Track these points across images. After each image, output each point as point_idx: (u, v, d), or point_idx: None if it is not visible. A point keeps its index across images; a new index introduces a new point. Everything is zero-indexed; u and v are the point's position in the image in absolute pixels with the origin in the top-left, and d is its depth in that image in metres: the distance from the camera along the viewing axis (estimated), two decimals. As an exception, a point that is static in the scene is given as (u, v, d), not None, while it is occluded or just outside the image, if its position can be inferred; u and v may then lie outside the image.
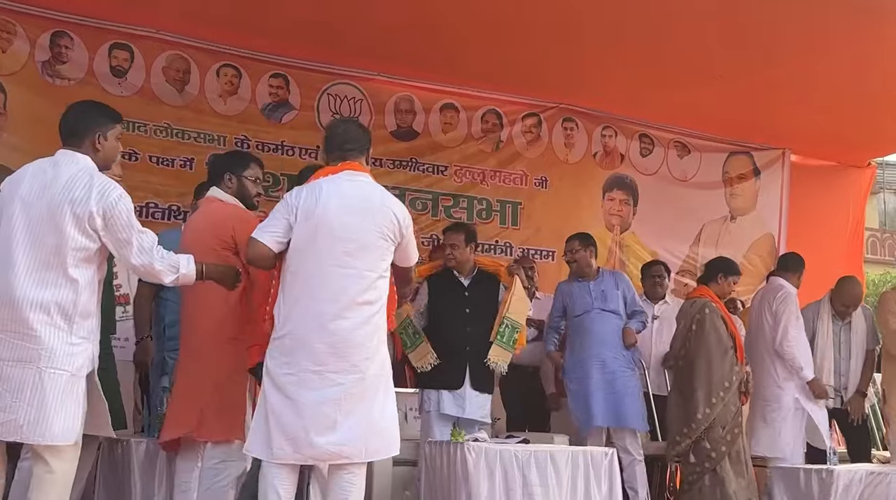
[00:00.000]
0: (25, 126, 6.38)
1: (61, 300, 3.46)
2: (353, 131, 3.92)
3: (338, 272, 3.59)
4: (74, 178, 3.57)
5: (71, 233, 3.50)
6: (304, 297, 3.58)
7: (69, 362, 3.46)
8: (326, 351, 3.54)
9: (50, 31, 6.56)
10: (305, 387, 3.52)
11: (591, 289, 6.30)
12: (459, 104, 8.06)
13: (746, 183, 9.23)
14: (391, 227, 3.70)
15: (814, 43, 6.75)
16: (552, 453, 5.06)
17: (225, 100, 7.20)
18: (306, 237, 3.63)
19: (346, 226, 3.63)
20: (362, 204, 3.69)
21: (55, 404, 3.40)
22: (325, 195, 3.66)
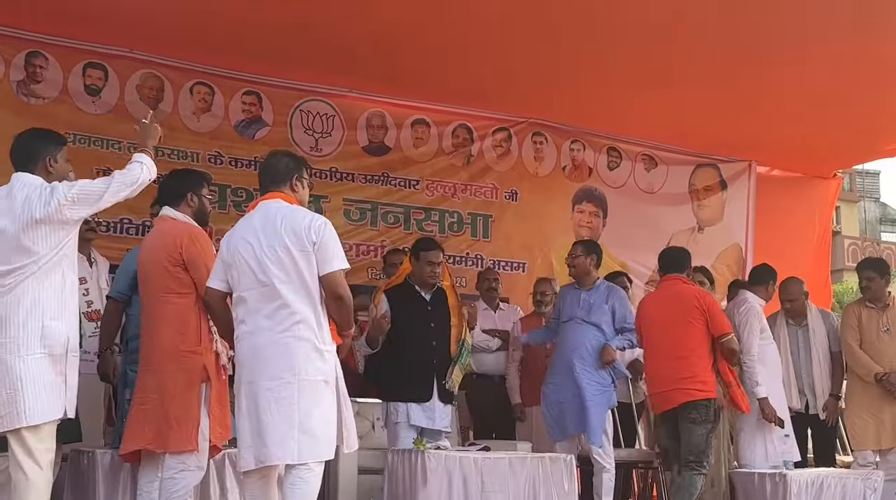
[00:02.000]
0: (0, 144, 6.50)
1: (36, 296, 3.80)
2: (271, 165, 4.14)
3: (254, 294, 3.86)
4: (30, 194, 3.88)
5: (41, 233, 3.83)
6: (244, 320, 3.89)
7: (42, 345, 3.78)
8: (253, 363, 3.82)
9: (25, 51, 6.71)
10: (248, 397, 3.81)
11: (580, 298, 6.33)
12: (430, 119, 8.23)
13: (713, 194, 9.42)
14: (295, 240, 3.88)
15: (779, 56, 6.92)
16: (510, 459, 5.20)
17: (198, 117, 7.35)
18: (231, 269, 3.94)
19: (253, 252, 3.88)
20: (266, 228, 3.91)
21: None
22: (237, 229, 3.99)
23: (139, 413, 4.20)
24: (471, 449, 5.39)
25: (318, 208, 7.65)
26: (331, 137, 7.83)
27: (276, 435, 3.73)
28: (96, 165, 6.78)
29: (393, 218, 8.04)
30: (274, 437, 3.73)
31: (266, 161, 4.22)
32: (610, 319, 6.26)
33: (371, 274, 7.80)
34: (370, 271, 7.81)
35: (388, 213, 8.03)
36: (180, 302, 4.26)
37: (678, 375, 5.82)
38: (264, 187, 4.12)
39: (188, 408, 4.13)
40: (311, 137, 7.76)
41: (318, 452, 3.80)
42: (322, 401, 3.80)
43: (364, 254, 7.88)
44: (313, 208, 7.44)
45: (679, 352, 5.86)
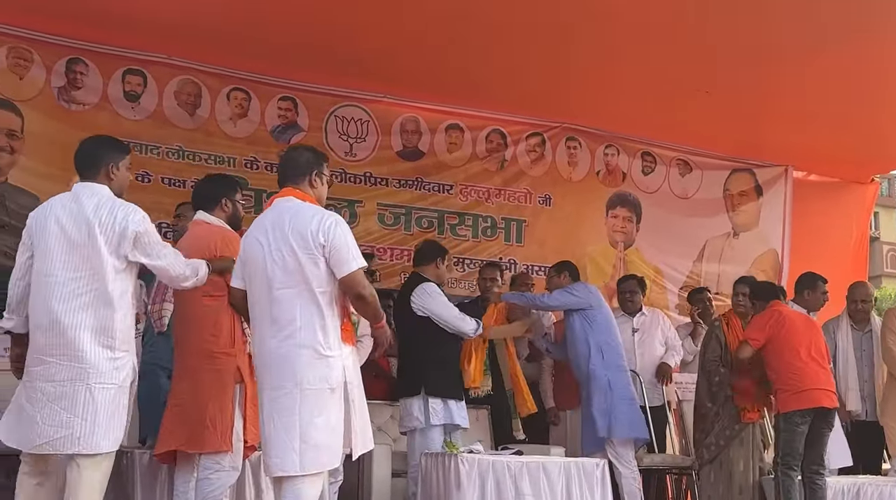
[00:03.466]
0: (41, 150, 6.64)
1: (102, 320, 3.77)
2: (292, 158, 4.05)
3: (262, 297, 3.79)
4: (98, 206, 3.89)
5: (104, 256, 3.81)
6: (254, 324, 3.86)
7: (115, 376, 3.79)
8: (269, 370, 3.75)
9: (65, 58, 6.83)
10: (266, 405, 3.76)
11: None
12: (464, 124, 8.27)
13: (749, 199, 9.35)
14: (301, 243, 3.77)
15: (814, 61, 6.89)
16: (544, 464, 5.20)
17: (235, 122, 7.43)
18: (246, 271, 3.89)
19: (262, 253, 3.81)
20: (275, 229, 3.81)
21: (105, 417, 3.74)
22: (252, 229, 3.92)
23: (174, 414, 4.24)
24: (504, 453, 5.39)
25: (352, 213, 7.73)
26: (365, 142, 7.88)
27: (278, 446, 3.65)
28: (135, 170, 6.86)
29: (427, 222, 8.08)
30: (276, 448, 3.66)
31: (287, 154, 4.09)
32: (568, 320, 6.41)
33: (403, 278, 7.83)
34: (403, 276, 7.84)
35: (422, 217, 8.07)
36: (213, 304, 4.30)
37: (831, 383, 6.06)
38: (282, 182, 3.99)
39: (223, 409, 4.16)
40: (346, 142, 7.82)
41: (321, 462, 3.68)
42: (326, 409, 3.66)
43: (397, 258, 7.91)
44: (348, 213, 7.61)
45: (825, 363, 6.08)
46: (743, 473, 6.16)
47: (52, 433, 3.69)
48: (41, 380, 3.74)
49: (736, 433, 6.19)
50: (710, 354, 6.36)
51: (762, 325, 5.99)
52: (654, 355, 7.14)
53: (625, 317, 7.17)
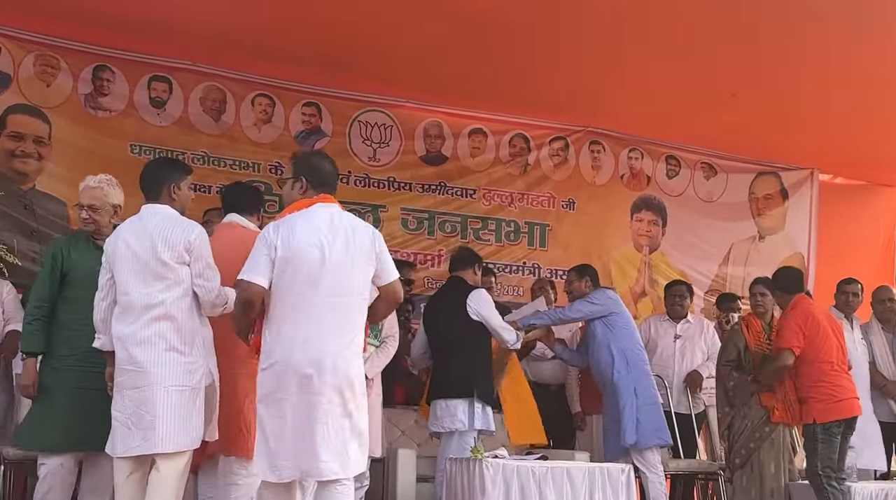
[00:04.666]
0: (68, 156, 6.72)
1: (174, 328, 3.94)
2: (335, 167, 4.08)
3: (325, 302, 3.73)
4: (161, 223, 4.03)
5: (171, 268, 3.96)
6: (284, 325, 3.73)
7: (189, 378, 3.93)
8: (312, 373, 3.68)
9: (92, 65, 6.91)
10: (295, 409, 3.67)
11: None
12: (487, 129, 8.27)
13: (774, 203, 9.30)
14: (362, 251, 3.82)
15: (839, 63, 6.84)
16: (569, 469, 5.19)
17: (259, 128, 7.47)
18: (285, 271, 3.73)
19: (322, 257, 3.75)
20: (334, 232, 3.80)
21: (181, 418, 3.91)
22: (299, 229, 3.77)
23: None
24: (528, 458, 5.38)
25: (376, 218, 7.76)
26: (388, 146, 7.91)
27: (329, 450, 3.74)
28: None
29: (450, 227, 8.09)
30: (328, 452, 3.74)
31: (324, 160, 4.07)
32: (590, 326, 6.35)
33: (427, 283, 7.85)
34: (426, 281, 7.86)
35: (446, 222, 8.07)
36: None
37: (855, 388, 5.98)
38: (327, 190, 3.93)
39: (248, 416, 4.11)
40: (370, 147, 7.85)
41: (364, 461, 3.86)
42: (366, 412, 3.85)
43: (421, 263, 7.92)
44: (371, 218, 7.65)
45: (847, 367, 5.99)
46: (774, 475, 6.08)
47: (140, 437, 3.89)
48: (127, 388, 3.92)
49: (766, 435, 6.12)
50: (725, 358, 6.32)
51: (797, 328, 5.79)
52: (693, 363, 7.07)
53: (669, 322, 7.12)
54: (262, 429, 3.72)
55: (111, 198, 4.45)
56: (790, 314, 5.90)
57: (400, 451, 5.77)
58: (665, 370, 6.91)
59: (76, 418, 4.23)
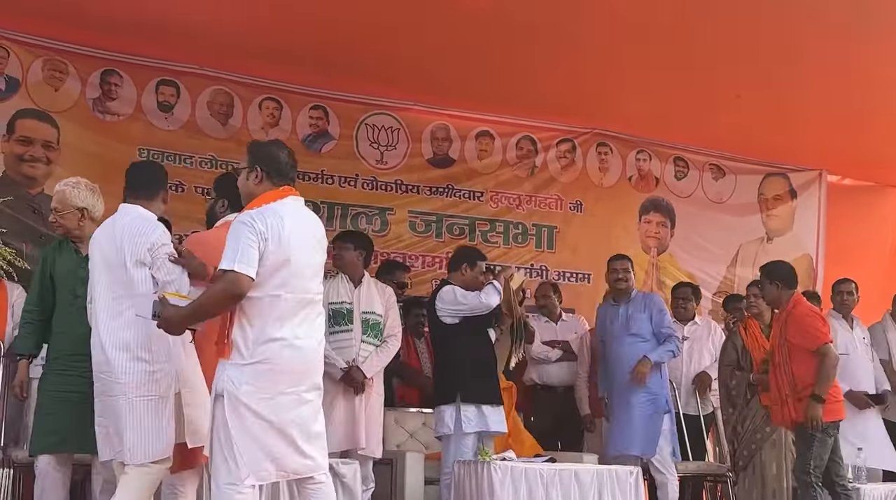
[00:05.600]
0: (77, 160, 6.73)
1: (138, 336, 3.85)
2: (293, 159, 3.89)
3: (306, 298, 3.67)
4: (131, 223, 3.95)
5: (132, 273, 3.88)
6: (274, 323, 3.59)
7: (156, 387, 3.85)
8: (300, 372, 3.63)
9: (100, 70, 6.93)
10: (283, 408, 3.57)
11: (619, 313, 6.32)
12: (494, 131, 8.27)
13: (783, 204, 9.28)
14: (325, 248, 3.84)
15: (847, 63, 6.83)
16: (577, 471, 5.18)
17: (267, 132, 7.48)
18: (274, 265, 3.60)
19: (308, 254, 3.71)
20: (313, 230, 3.77)
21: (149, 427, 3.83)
22: (288, 222, 3.65)
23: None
24: (537, 461, 5.38)
25: (384, 221, 7.77)
26: (396, 149, 7.92)
27: (320, 446, 3.74)
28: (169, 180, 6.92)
29: (458, 230, 8.09)
30: (318, 448, 3.73)
31: (281, 149, 3.86)
32: (648, 327, 6.26)
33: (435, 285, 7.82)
34: (434, 283, 7.83)
35: (453, 224, 8.08)
36: None
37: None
38: (284, 181, 3.76)
39: None
40: (377, 150, 7.86)
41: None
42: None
43: (429, 265, 7.93)
44: (379, 221, 7.65)
45: None
46: (776, 476, 6.09)
47: (118, 443, 3.85)
48: (101, 394, 3.91)
49: (767, 436, 6.12)
50: (725, 360, 6.32)
51: (820, 324, 5.64)
52: (701, 364, 7.05)
53: (676, 325, 7.07)
54: (246, 427, 3.51)
55: (74, 200, 4.40)
56: (807, 314, 5.68)
57: (408, 454, 5.77)
58: (673, 372, 6.88)
59: (57, 419, 4.26)
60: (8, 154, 6.63)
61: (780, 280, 5.74)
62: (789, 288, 5.74)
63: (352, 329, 5.55)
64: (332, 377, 5.42)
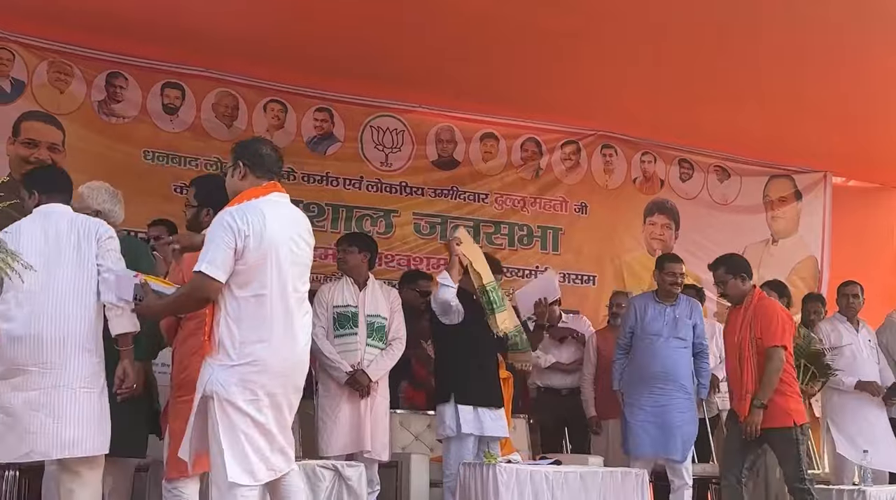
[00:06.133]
0: (82, 162, 6.70)
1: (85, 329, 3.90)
2: (277, 154, 3.86)
3: (293, 296, 3.65)
4: (76, 218, 4.10)
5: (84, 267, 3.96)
6: (261, 323, 3.57)
7: (97, 381, 3.91)
8: (288, 371, 3.63)
9: (105, 72, 6.94)
10: (272, 409, 3.58)
11: (665, 312, 6.16)
12: (499, 133, 8.28)
13: (788, 206, 9.28)
14: (311, 246, 3.81)
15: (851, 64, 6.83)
16: (582, 474, 5.18)
17: (272, 134, 7.47)
18: (257, 263, 3.57)
19: (293, 251, 3.67)
20: (298, 227, 3.74)
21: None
22: (270, 219, 3.61)
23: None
24: (542, 463, 5.38)
25: (388, 223, 7.77)
26: (400, 151, 7.92)
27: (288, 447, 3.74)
28: (173, 181, 6.99)
29: (462, 232, 8.08)
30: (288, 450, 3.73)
31: (264, 145, 3.85)
32: (692, 334, 6.19)
33: (441, 288, 7.83)
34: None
35: (458, 226, 8.04)
36: None
37: None
38: (268, 175, 3.74)
39: None
40: (382, 152, 7.86)
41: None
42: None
43: (434, 267, 7.89)
44: (384, 223, 7.65)
45: None
46: (779, 481, 6.07)
47: (42, 441, 3.82)
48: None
49: (772, 440, 6.11)
50: None
51: (787, 326, 5.53)
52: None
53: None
54: (234, 428, 3.50)
55: (90, 202, 4.43)
56: (770, 309, 5.56)
57: (413, 456, 5.78)
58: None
59: None
60: (13, 156, 6.62)
61: (743, 273, 5.62)
62: (750, 280, 5.65)
63: (357, 333, 5.54)
64: (338, 381, 5.43)
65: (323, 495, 4.78)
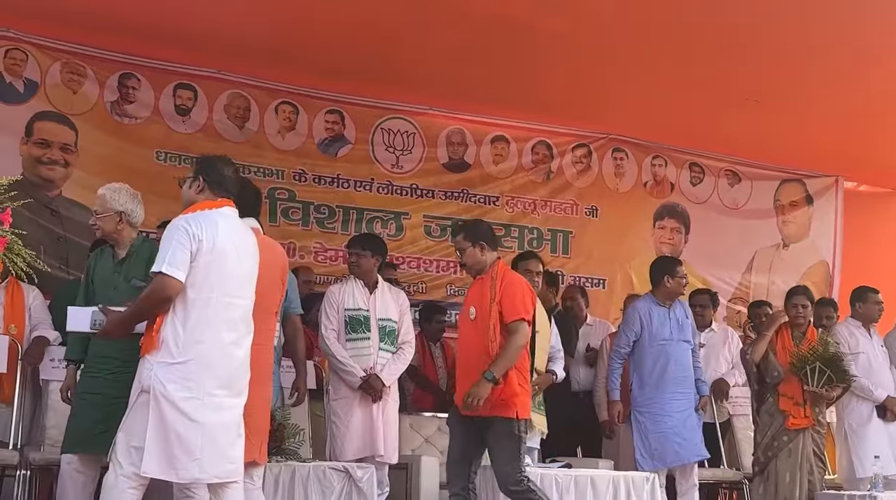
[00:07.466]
0: (95, 163, 6.77)
1: None
2: (237, 175, 3.98)
3: (238, 305, 3.74)
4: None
5: None
6: (206, 324, 3.64)
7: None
8: (226, 376, 3.67)
9: (118, 73, 6.96)
10: (209, 410, 3.61)
11: (670, 316, 6.08)
12: (510, 136, 8.28)
13: (799, 210, 9.26)
14: (256, 262, 3.90)
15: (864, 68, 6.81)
16: (592, 477, 5.15)
17: (283, 135, 7.51)
18: (207, 268, 3.66)
19: (240, 262, 3.76)
20: (245, 241, 3.83)
21: None
22: (222, 229, 3.72)
23: (246, 425, 4.01)
24: (552, 466, 5.36)
25: (398, 225, 7.77)
26: (411, 154, 7.92)
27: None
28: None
29: (473, 234, 8.07)
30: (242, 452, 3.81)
31: (226, 165, 3.93)
32: (691, 334, 6.20)
33: (450, 290, 7.85)
34: (449, 288, 7.87)
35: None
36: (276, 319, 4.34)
37: None
38: (224, 194, 3.83)
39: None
40: (393, 155, 7.86)
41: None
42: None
43: (444, 270, 7.93)
44: (394, 225, 7.65)
45: None
46: (789, 486, 6.03)
47: None
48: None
49: (784, 444, 6.08)
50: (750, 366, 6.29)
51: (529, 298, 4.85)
52: (717, 371, 6.99)
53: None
54: (164, 424, 3.54)
55: (113, 204, 4.41)
56: (514, 282, 4.88)
57: (423, 458, 5.76)
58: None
59: (79, 420, 4.28)
60: (26, 156, 6.66)
61: (485, 241, 4.91)
62: (493, 250, 4.97)
63: (369, 337, 5.50)
64: (351, 385, 5.42)
65: (333, 497, 4.77)
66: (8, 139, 6.62)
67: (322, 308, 5.57)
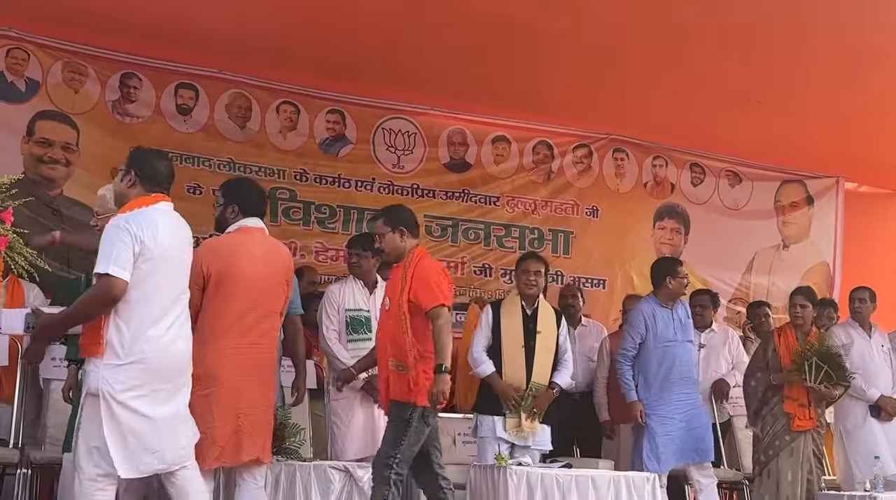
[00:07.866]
0: (96, 162, 6.78)
1: None
2: (171, 171, 3.96)
3: (180, 299, 3.78)
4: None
5: None
6: (150, 323, 3.66)
7: None
8: (173, 370, 3.71)
9: (119, 73, 6.98)
10: (158, 404, 3.65)
11: (673, 317, 6.06)
12: (511, 136, 8.29)
13: (799, 211, 9.27)
14: (191, 253, 3.92)
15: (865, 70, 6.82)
16: (593, 477, 5.16)
17: (284, 135, 7.52)
18: (148, 267, 3.67)
19: (180, 257, 3.80)
20: (183, 233, 3.86)
21: None
22: (161, 226, 3.74)
23: (249, 424, 4.16)
24: (553, 466, 5.36)
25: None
26: (412, 154, 7.93)
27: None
28: (187, 182, 7.01)
29: (473, 234, 8.09)
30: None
31: (160, 160, 3.94)
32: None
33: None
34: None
35: (469, 229, 8.08)
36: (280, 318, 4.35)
37: None
38: (157, 189, 3.84)
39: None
40: (394, 155, 7.87)
41: None
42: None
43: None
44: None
45: None
46: (790, 484, 6.04)
47: None
48: None
49: (786, 444, 6.09)
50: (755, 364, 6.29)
51: (446, 284, 4.71)
52: (718, 372, 6.98)
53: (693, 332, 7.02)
54: (118, 425, 3.58)
55: (112, 204, 4.30)
56: (434, 268, 4.78)
57: (423, 457, 5.76)
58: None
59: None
60: (27, 155, 6.67)
61: (404, 226, 4.79)
62: (414, 237, 4.85)
63: (371, 338, 5.50)
64: (353, 386, 5.43)
65: (333, 496, 4.78)
66: (9, 138, 6.64)
67: (322, 308, 5.58)
